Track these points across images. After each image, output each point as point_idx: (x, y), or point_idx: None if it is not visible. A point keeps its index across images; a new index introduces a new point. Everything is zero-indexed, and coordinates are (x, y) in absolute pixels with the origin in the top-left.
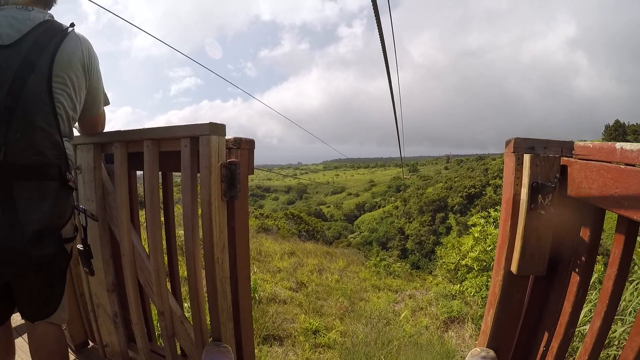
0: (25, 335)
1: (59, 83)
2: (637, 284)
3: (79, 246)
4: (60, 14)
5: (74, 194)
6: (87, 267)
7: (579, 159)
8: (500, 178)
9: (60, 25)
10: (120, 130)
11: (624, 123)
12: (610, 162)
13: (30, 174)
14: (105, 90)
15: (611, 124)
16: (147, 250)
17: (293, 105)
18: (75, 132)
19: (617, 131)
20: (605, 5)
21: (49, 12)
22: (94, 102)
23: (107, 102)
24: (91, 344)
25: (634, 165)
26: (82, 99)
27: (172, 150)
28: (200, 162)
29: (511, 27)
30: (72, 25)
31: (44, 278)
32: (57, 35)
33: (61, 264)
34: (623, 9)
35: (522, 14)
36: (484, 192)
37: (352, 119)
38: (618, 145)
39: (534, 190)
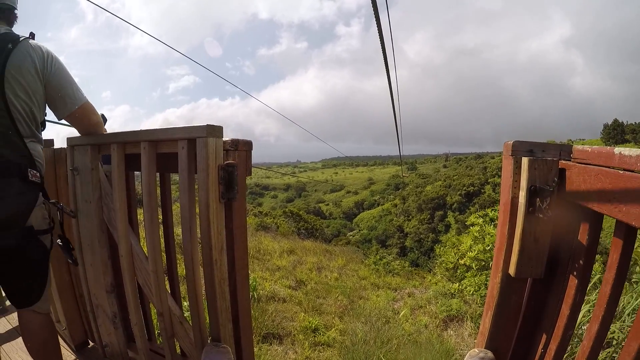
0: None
1: (12, 88)
2: (637, 286)
3: (58, 240)
4: (57, 12)
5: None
6: (70, 259)
7: (578, 162)
8: (499, 176)
9: (15, 36)
10: (117, 132)
11: (622, 122)
12: (609, 167)
13: None
14: (79, 87)
15: (609, 123)
16: (146, 252)
17: (290, 104)
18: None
19: (616, 130)
20: (597, 5)
21: (10, 28)
22: (63, 100)
23: (82, 98)
24: (91, 343)
25: (632, 171)
26: (39, 102)
27: (169, 152)
28: (197, 164)
29: (507, 27)
30: (32, 35)
31: (20, 268)
32: (9, 45)
33: (36, 254)
34: (615, 9)
35: (518, 14)
36: (482, 190)
37: (349, 117)
38: (617, 150)
39: (532, 193)
